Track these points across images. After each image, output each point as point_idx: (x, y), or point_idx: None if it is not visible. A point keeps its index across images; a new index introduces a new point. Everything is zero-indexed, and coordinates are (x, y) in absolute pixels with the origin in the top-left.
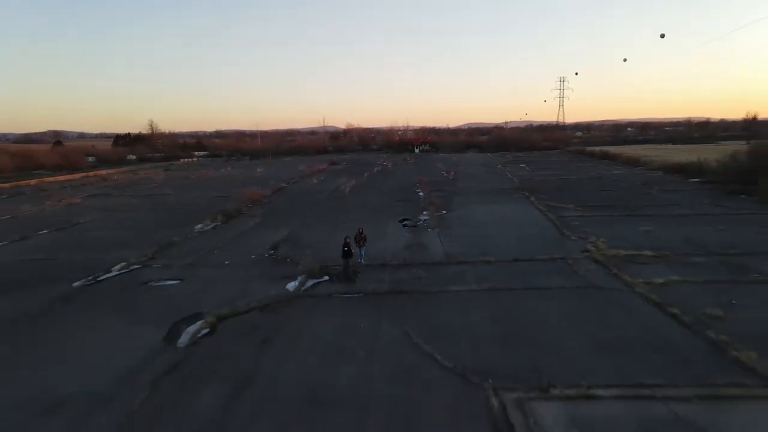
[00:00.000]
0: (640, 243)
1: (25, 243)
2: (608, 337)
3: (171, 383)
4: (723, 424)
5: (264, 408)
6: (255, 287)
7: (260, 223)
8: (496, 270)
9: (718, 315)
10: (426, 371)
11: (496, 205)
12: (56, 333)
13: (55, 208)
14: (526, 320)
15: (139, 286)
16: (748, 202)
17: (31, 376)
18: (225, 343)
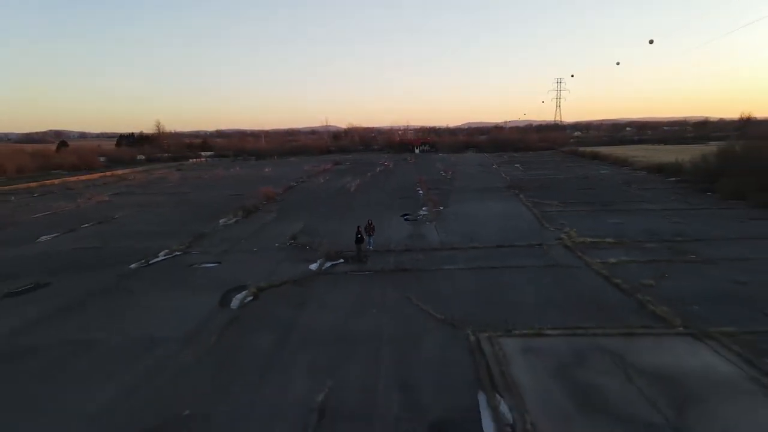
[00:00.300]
0: (606, 233)
1: (74, 234)
2: (561, 299)
3: (233, 331)
4: (629, 351)
5: (304, 344)
6: (283, 267)
7: (277, 218)
8: (482, 253)
9: (650, 284)
10: (423, 321)
11: (488, 201)
12: (135, 300)
13: (88, 204)
14: (501, 288)
15: (186, 268)
16: (711, 198)
17: (132, 328)
18: (268, 306)
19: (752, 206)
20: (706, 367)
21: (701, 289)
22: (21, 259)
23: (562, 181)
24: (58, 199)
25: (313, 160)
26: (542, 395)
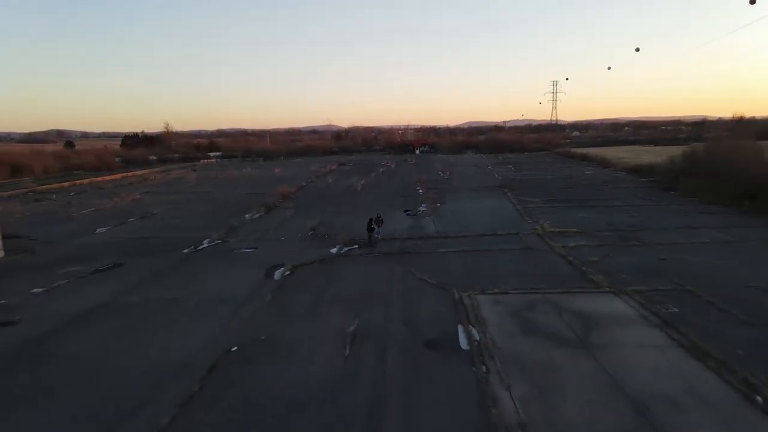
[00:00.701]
0: (573, 224)
1: (124, 227)
2: (526, 271)
3: (281, 293)
4: (565, 301)
5: (336, 300)
6: (308, 252)
7: (295, 213)
8: (470, 240)
9: (595, 260)
10: (421, 286)
11: (479, 199)
12: (196, 274)
13: (124, 202)
14: (481, 264)
15: (229, 252)
16: (671, 196)
17: (203, 291)
18: (303, 277)
19: (702, 203)
20: (613, 309)
21: (631, 264)
22: (90, 247)
23: (548, 181)
24: (94, 197)
25: (319, 161)
26: (500, 326)
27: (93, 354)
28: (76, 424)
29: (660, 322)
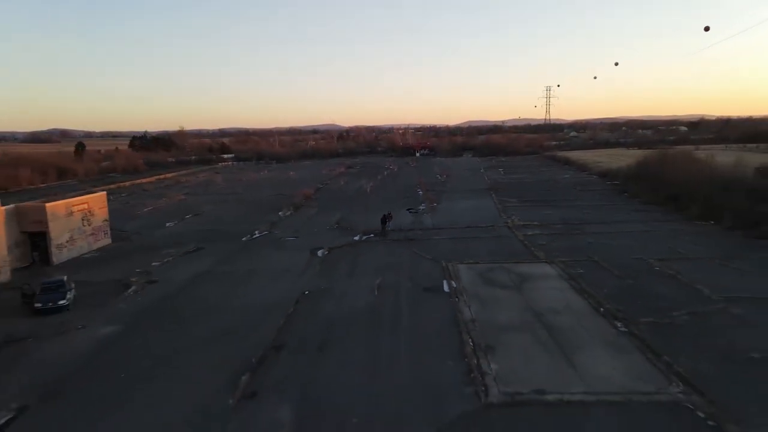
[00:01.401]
0: (536, 219)
1: (185, 222)
2: (493, 250)
3: (325, 264)
4: (513, 267)
5: (364, 268)
6: (337, 239)
7: (319, 211)
8: (457, 231)
9: (543, 244)
10: (420, 259)
11: (469, 200)
12: (259, 254)
13: (173, 202)
14: (462, 246)
15: (277, 240)
16: (623, 198)
17: (272, 264)
18: (338, 255)
19: (642, 203)
20: (542, 271)
21: (566, 245)
22: (169, 236)
23: (529, 183)
24: (145, 198)
25: (327, 163)
26: (469, 280)
27: (215, 298)
28: (220, 335)
29: (567, 277)
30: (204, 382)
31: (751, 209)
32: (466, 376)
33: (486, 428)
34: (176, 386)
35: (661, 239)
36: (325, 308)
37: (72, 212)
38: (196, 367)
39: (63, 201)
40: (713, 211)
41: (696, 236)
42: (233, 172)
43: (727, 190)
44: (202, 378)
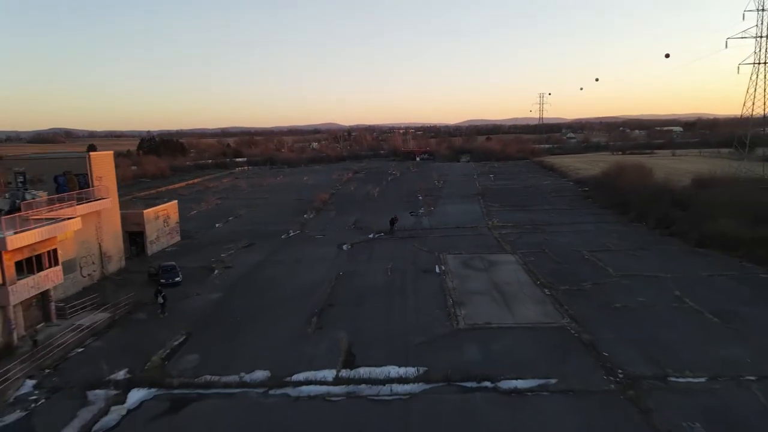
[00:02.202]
0: (511, 221)
1: (230, 223)
2: (474, 244)
3: (349, 255)
4: (486, 256)
5: (379, 257)
6: (356, 236)
7: (337, 214)
8: (448, 230)
9: (512, 240)
10: (419, 250)
11: (460, 204)
12: (298, 248)
13: (212, 206)
14: (451, 241)
15: (309, 237)
16: (587, 203)
17: (310, 254)
18: (359, 248)
19: (600, 207)
20: (506, 259)
21: (529, 241)
22: (222, 235)
23: (513, 189)
24: (186, 202)
25: (335, 168)
26: (454, 265)
27: (278, 277)
28: (290, 298)
29: (522, 263)
30: (289, 322)
31: (666, 213)
32: (447, 317)
33: (454, 340)
34: (273, 324)
35: (598, 236)
36: (355, 283)
37: (158, 216)
38: (281, 314)
39: (152, 209)
40: (644, 215)
41: (624, 234)
42: (252, 177)
43: (655, 197)
44: (287, 320)
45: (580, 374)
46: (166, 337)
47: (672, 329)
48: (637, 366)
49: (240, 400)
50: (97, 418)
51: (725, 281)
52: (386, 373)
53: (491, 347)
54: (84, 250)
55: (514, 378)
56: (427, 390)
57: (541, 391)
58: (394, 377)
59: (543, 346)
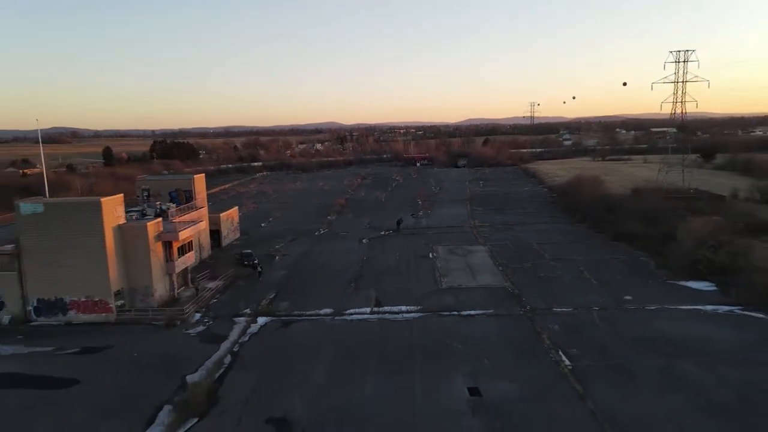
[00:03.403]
0: (488, 222)
1: (271, 223)
2: (458, 239)
3: (369, 246)
4: (465, 247)
5: (391, 248)
6: (371, 233)
7: (354, 216)
8: (441, 228)
9: (486, 236)
10: (419, 243)
11: (451, 208)
12: (329, 242)
13: (252, 209)
14: (442, 237)
15: (335, 234)
16: (552, 207)
17: (340, 245)
18: (375, 242)
19: (560, 211)
20: (479, 248)
21: (498, 237)
22: (269, 233)
23: (497, 195)
24: (227, 206)
25: (344, 173)
26: (442, 252)
27: (321, 261)
28: (333, 274)
29: (489, 251)
30: (337, 285)
31: (600, 216)
32: (434, 282)
33: (438, 293)
34: (327, 287)
35: (549, 233)
36: (375, 264)
37: (227, 218)
38: (331, 282)
39: (224, 213)
40: (585, 217)
41: (568, 232)
42: (273, 182)
43: (595, 204)
44: (335, 284)
45: (506, 308)
46: (263, 294)
47: (566, 288)
48: (537, 304)
49: (318, 322)
50: (245, 329)
51: (617, 262)
52: (399, 309)
53: (459, 297)
54: (194, 241)
55: (470, 310)
56: (421, 316)
57: (483, 315)
58: (403, 311)
59: (490, 296)
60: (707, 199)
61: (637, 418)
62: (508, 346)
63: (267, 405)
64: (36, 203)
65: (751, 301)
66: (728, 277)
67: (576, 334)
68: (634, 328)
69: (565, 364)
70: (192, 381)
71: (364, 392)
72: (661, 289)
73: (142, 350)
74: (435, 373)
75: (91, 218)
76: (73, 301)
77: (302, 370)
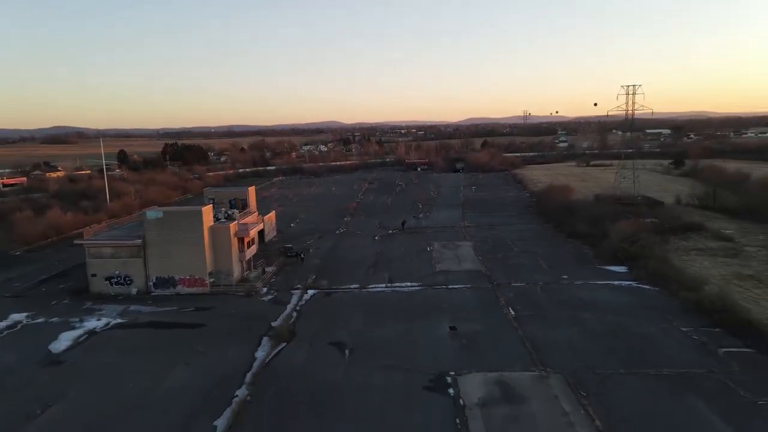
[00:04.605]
0: (475, 222)
1: (298, 224)
2: (450, 236)
3: (381, 242)
4: (456, 243)
5: (400, 242)
6: (381, 232)
7: (366, 217)
8: (437, 228)
9: (473, 234)
10: (419, 240)
11: (447, 211)
12: (349, 239)
13: (280, 212)
14: (438, 235)
15: (353, 233)
16: (530, 211)
17: (360, 239)
18: (385, 238)
19: (533, 214)
20: (466, 244)
21: (482, 235)
22: (299, 231)
23: (486, 200)
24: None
25: (353, 178)
26: (437, 246)
27: (345, 253)
28: (357, 262)
29: (473, 246)
30: (360, 269)
31: (563, 219)
32: (431, 267)
33: (433, 275)
34: (352, 270)
35: (522, 232)
36: (386, 254)
37: (269, 220)
38: (355, 267)
39: (267, 216)
40: (552, 219)
41: (538, 231)
42: (292, 187)
43: (560, 209)
44: (359, 269)
45: (479, 284)
46: (307, 275)
47: (524, 271)
48: (501, 281)
49: (350, 293)
50: (301, 297)
51: (566, 254)
52: (405, 284)
53: (448, 277)
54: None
55: (456, 284)
56: (421, 288)
57: (463, 288)
58: (408, 285)
59: (469, 276)
60: (648, 205)
61: (546, 340)
62: (478, 306)
63: (327, 336)
64: (157, 211)
65: (644, 278)
66: (636, 262)
67: (522, 298)
68: (561, 295)
69: (511, 314)
70: (276, 324)
71: (385, 330)
72: (590, 271)
73: (235, 310)
74: (429, 321)
75: (195, 222)
76: (180, 278)
77: (344, 319)
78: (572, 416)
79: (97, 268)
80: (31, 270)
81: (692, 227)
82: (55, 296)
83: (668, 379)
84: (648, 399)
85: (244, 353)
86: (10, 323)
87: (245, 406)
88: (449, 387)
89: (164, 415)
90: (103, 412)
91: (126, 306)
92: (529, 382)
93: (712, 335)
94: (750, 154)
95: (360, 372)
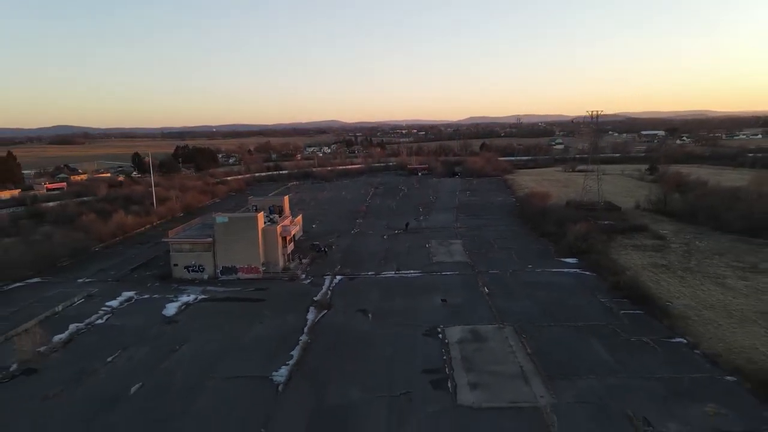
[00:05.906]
0: (466, 224)
1: (318, 225)
2: (445, 235)
3: (390, 239)
4: (449, 241)
5: (402, 242)
6: (388, 232)
7: (375, 219)
8: (435, 229)
9: (463, 233)
10: (420, 239)
11: (444, 214)
12: (362, 238)
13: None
14: (435, 235)
15: (366, 232)
16: (511, 216)
17: (377, 236)
18: (392, 237)
19: (516, 217)
20: (456, 242)
21: (471, 234)
22: (320, 231)
23: (477, 204)
24: None
25: (359, 183)
26: (434, 244)
27: (361, 248)
28: (373, 254)
29: (462, 243)
30: (374, 261)
31: (537, 221)
32: (429, 259)
33: (431, 264)
34: (368, 262)
35: (504, 232)
36: (394, 249)
37: (298, 222)
38: (371, 259)
39: (296, 218)
40: (529, 222)
41: (516, 232)
42: (306, 191)
43: (535, 213)
44: (373, 260)
45: (465, 271)
46: (333, 266)
47: (499, 262)
48: (481, 269)
49: (368, 278)
50: (332, 281)
51: (534, 249)
52: (409, 272)
53: (441, 266)
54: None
55: (447, 272)
56: (421, 275)
57: (453, 274)
58: (412, 273)
59: (458, 266)
60: (608, 209)
61: (507, 308)
62: (462, 286)
63: (355, 306)
64: (223, 217)
65: (587, 267)
66: (584, 255)
67: (495, 281)
68: (525, 279)
69: (485, 292)
70: (317, 298)
71: (395, 302)
72: (549, 262)
73: (284, 290)
74: (427, 296)
75: (251, 225)
76: (240, 267)
77: (365, 296)
78: (514, 347)
79: (178, 259)
80: (116, 262)
81: (638, 228)
82: (147, 280)
83: (580, 329)
84: (563, 338)
85: (299, 317)
86: (126, 298)
87: (308, 345)
88: (439, 334)
89: (258, 350)
90: (217, 348)
91: (203, 287)
92: (491, 331)
93: (620, 304)
94: (727, 159)
95: (381, 326)
